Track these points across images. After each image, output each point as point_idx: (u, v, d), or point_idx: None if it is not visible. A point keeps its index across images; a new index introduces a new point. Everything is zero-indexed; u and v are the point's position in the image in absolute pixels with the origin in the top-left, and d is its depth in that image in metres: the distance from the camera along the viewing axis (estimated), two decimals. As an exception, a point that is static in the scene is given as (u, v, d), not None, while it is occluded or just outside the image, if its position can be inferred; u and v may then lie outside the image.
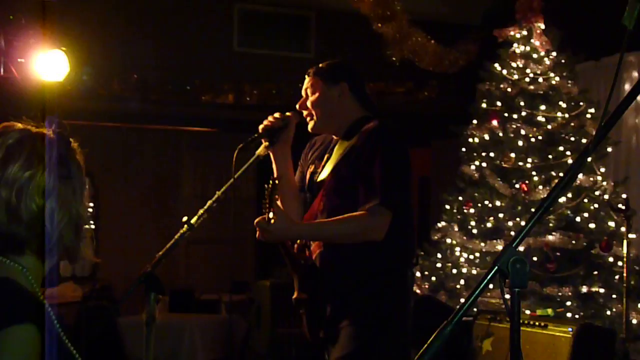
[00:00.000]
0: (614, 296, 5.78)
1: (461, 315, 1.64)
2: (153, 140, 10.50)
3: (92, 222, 10.76)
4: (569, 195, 6.06)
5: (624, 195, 5.74)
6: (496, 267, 1.68)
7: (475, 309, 5.20)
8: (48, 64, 5.07)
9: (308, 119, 3.15)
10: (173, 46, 8.08)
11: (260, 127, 3.10)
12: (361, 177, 2.94)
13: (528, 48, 6.53)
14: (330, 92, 3.11)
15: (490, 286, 1.73)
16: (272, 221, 2.77)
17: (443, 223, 6.71)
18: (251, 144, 3.03)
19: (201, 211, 2.86)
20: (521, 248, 6.09)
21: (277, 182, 2.79)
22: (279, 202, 2.84)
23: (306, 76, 3.17)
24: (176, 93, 8.21)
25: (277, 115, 3.13)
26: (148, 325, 2.62)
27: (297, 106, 3.16)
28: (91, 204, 10.73)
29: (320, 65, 3.18)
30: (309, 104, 3.13)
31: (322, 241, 3.02)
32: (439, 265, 6.58)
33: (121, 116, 9.07)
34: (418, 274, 6.58)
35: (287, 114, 3.14)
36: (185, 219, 2.84)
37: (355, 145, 3.01)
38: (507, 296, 1.69)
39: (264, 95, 8.30)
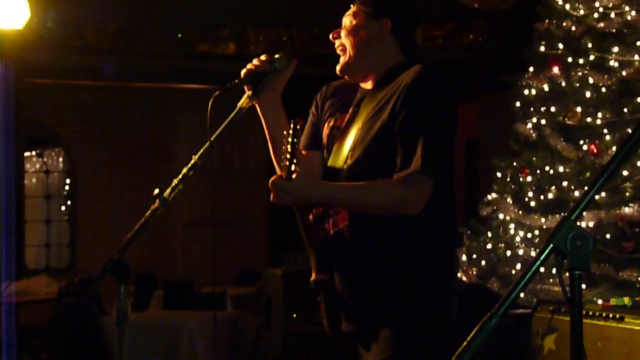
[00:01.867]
0: None
1: (509, 305, 1.64)
2: (139, 102, 10.53)
3: (68, 202, 10.85)
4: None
5: None
6: (551, 245, 1.67)
7: (535, 299, 5.18)
8: (4, 8, 5.06)
9: (339, 50, 3.16)
10: (159, -15, 8.07)
11: (243, 71, 3.07)
12: (399, 136, 2.93)
13: (597, -24, 6.46)
14: (369, 25, 3.12)
15: (553, 271, 1.71)
16: (294, 176, 2.76)
17: (494, 195, 6.71)
18: (231, 92, 3.01)
19: (175, 181, 2.87)
20: (591, 223, 6.08)
21: (298, 126, 2.78)
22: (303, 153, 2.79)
23: (351, 4, 3.18)
24: (165, 43, 8.22)
25: (263, 57, 3.11)
26: (120, 324, 2.64)
27: (331, 35, 3.18)
28: (66, 180, 10.82)
29: None
30: (343, 33, 3.14)
31: (347, 208, 3.01)
32: (489, 246, 6.59)
33: (98, 73, 9.08)
34: (464, 257, 6.59)
35: (276, 55, 3.12)
36: (156, 191, 2.86)
37: (391, 96, 3.00)
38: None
39: (273, 43, 8.28)
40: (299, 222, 3.08)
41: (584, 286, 5.95)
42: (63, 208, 11.01)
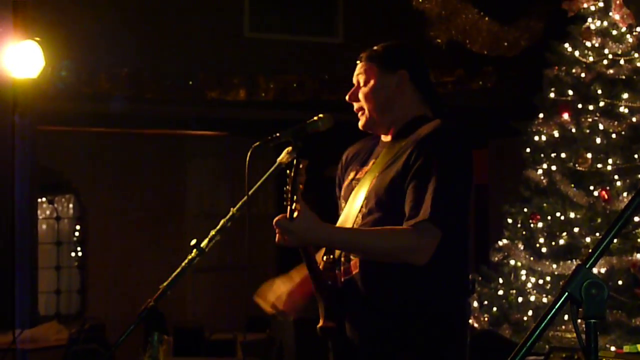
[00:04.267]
0: None
1: (525, 353, 1.63)
2: (150, 148, 10.56)
3: (78, 248, 10.85)
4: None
5: None
6: (567, 294, 1.67)
7: (547, 346, 5.15)
8: (19, 58, 5.11)
9: (359, 113, 3.16)
10: (171, 33, 8.14)
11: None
12: (410, 185, 2.93)
13: (606, 23, 6.50)
14: (386, 81, 3.11)
15: (565, 317, 1.71)
16: (295, 214, 2.76)
17: (505, 241, 6.69)
18: (270, 145, 3.01)
19: (213, 232, 2.87)
20: (603, 270, 6.05)
21: (301, 165, 2.78)
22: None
23: (358, 62, 3.17)
24: (176, 90, 8.26)
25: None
26: (152, 371, 2.63)
27: (347, 97, 3.17)
28: (76, 227, 10.83)
29: (375, 48, 3.18)
30: (360, 95, 3.13)
31: (353, 252, 3.01)
32: (500, 292, 6.56)
33: (110, 119, 9.13)
34: (475, 303, 6.55)
35: (320, 115, 3.13)
36: (194, 242, 2.86)
37: (407, 148, 2.99)
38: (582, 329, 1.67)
39: (283, 90, 8.31)
40: (307, 268, 3.07)
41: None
42: (73, 254, 11.01)
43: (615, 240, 5.89)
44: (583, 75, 6.52)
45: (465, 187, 3.01)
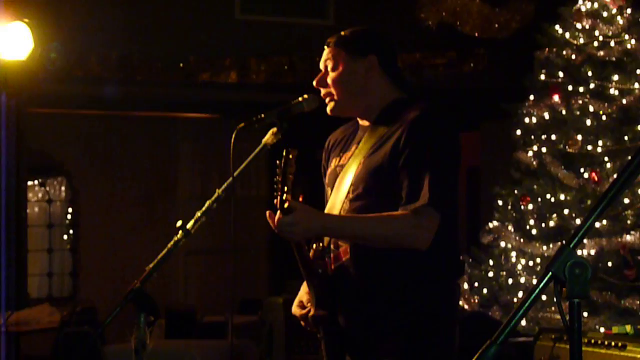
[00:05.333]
0: None
1: (508, 333, 1.63)
2: (141, 131, 10.55)
3: (70, 230, 10.84)
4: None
5: None
6: (550, 274, 1.67)
7: (537, 327, 5.16)
8: (8, 39, 5.09)
9: (327, 99, 3.13)
10: (162, 15, 8.10)
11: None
12: (404, 171, 2.92)
13: (596, 5, 6.50)
14: (354, 67, 3.09)
15: (554, 299, 1.72)
16: (286, 205, 2.75)
17: (495, 223, 6.69)
18: (255, 126, 3.00)
19: (199, 213, 2.86)
20: (592, 251, 6.07)
21: (290, 155, 2.77)
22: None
23: (325, 47, 3.14)
24: (167, 72, 8.23)
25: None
26: (138, 353, 2.63)
27: (314, 83, 3.15)
28: (69, 209, 10.82)
29: (343, 33, 3.15)
30: (328, 80, 3.11)
31: (352, 240, 2.99)
32: (491, 274, 6.57)
33: (101, 102, 9.11)
34: (465, 285, 6.56)
35: (305, 95, 3.12)
36: (179, 223, 2.85)
37: (393, 132, 2.99)
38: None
39: (274, 72, 8.30)
40: (296, 257, 3.06)
41: (585, 314, 5.93)
42: (65, 237, 11.00)
43: (604, 222, 5.92)
44: (574, 57, 6.52)
45: (456, 168, 3.03)
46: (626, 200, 6.04)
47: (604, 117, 6.31)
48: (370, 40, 3.14)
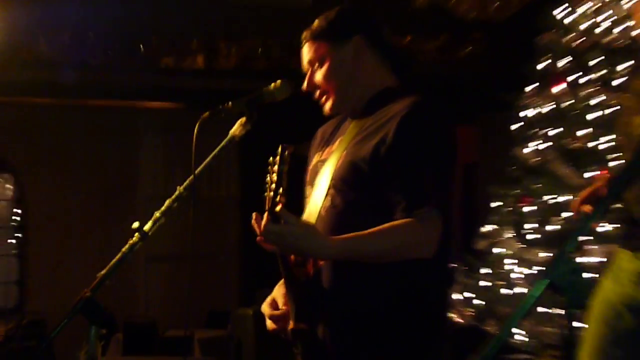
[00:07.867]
0: None
1: (497, 345, 1.64)
2: (97, 122, 10.53)
3: (16, 233, 10.81)
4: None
5: None
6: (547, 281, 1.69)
7: (536, 342, 5.19)
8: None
9: (323, 99, 3.15)
10: (120, -8, 8.08)
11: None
12: (399, 171, 2.92)
13: (605, -16, 6.54)
14: (342, 54, 3.10)
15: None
16: (278, 208, 2.75)
17: (491, 226, 6.72)
18: (221, 116, 3.00)
19: (157, 214, 2.86)
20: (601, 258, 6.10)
21: (287, 152, 2.77)
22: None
23: (304, 44, 3.15)
24: (126, 56, 8.22)
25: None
26: (88, 370, 2.63)
27: (304, 87, 3.14)
28: (15, 210, 10.79)
29: (317, 23, 3.15)
30: (319, 78, 3.11)
31: (361, 260, 2.97)
32: (486, 283, 6.59)
33: (51, 89, 9.09)
34: (458, 295, 6.59)
35: (278, 82, 3.11)
36: (136, 225, 2.85)
37: (379, 127, 2.99)
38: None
39: (245, 57, 8.31)
40: (280, 266, 3.06)
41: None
42: (11, 241, 10.97)
43: (614, 226, 5.93)
44: (579, 42, 6.55)
45: (453, 169, 3.04)
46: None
47: (613, 109, 6.35)
48: (350, 20, 3.15)
